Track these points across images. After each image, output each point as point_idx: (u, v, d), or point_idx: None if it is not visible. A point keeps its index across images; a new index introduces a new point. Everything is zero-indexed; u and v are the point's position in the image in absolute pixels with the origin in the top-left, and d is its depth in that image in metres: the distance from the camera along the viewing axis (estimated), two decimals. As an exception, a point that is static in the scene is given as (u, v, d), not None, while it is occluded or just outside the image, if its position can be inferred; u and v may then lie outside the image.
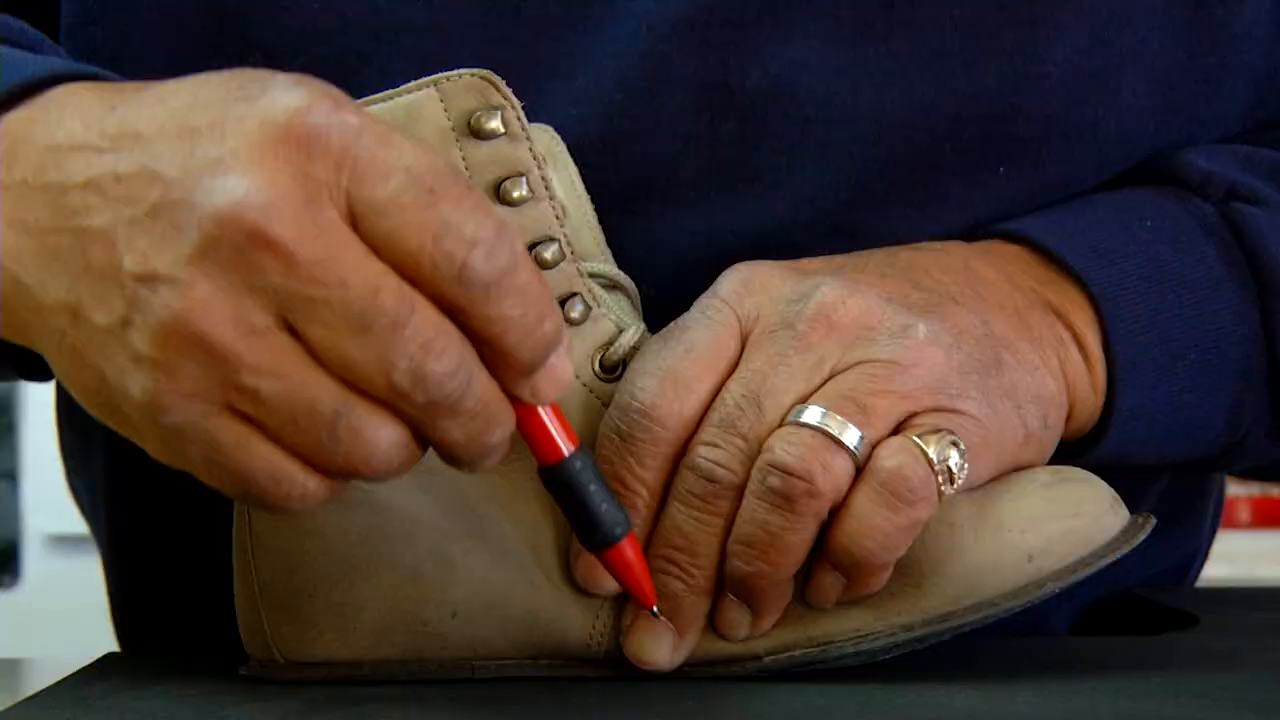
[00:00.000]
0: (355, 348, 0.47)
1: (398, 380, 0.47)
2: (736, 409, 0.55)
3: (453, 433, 0.48)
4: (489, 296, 0.47)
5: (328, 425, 0.47)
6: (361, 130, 0.47)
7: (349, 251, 0.46)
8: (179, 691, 0.56)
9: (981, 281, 0.60)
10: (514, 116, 0.55)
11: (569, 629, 0.56)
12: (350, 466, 0.48)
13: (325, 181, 0.46)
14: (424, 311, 0.47)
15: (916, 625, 0.55)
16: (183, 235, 0.46)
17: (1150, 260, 0.62)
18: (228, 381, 0.47)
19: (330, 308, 0.46)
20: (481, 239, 0.47)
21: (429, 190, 0.47)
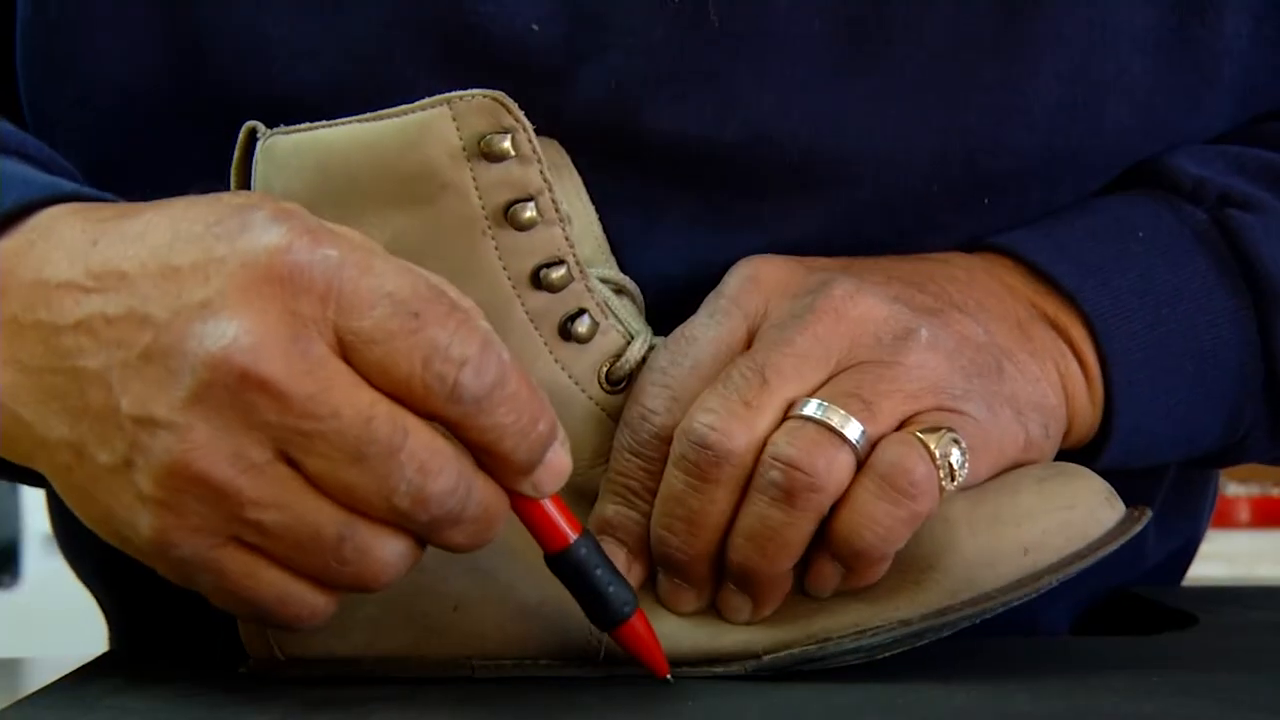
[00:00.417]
0: (354, 475, 0.48)
1: (398, 503, 0.49)
2: (742, 378, 0.55)
3: (456, 538, 0.50)
4: (482, 410, 0.49)
5: (333, 549, 0.49)
6: (343, 262, 0.48)
7: (339, 383, 0.48)
8: (179, 691, 0.56)
9: (984, 292, 0.61)
10: (525, 139, 0.55)
11: (569, 626, 0.57)
12: (360, 582, 0.50)
13: (311, 316, 0.48)
14: (418, 434, 0.48)
15: (914, 620, 0.56)
16: (177, 380, 0.48)
17: (1144, 275, 0.63)
18: (232, 516, 0.49)
19: (326, 439, 0.48)
20: (469, 357, 0.48)
21: (414, 315, 0.48)
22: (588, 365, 0.57)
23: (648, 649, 0.55)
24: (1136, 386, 0.62)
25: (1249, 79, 0.66)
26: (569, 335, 0.57)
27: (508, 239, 0.55)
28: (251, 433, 0.48)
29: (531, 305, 0.56)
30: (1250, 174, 0.65)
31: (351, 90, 0.57)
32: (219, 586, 0.50)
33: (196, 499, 0.48)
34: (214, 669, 0.59)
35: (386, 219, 0.55)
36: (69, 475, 0.50)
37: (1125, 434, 0.62)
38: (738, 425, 0.54)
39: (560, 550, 0.53)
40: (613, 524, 0.57)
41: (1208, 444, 0.65)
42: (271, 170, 0.56)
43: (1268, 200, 0.65)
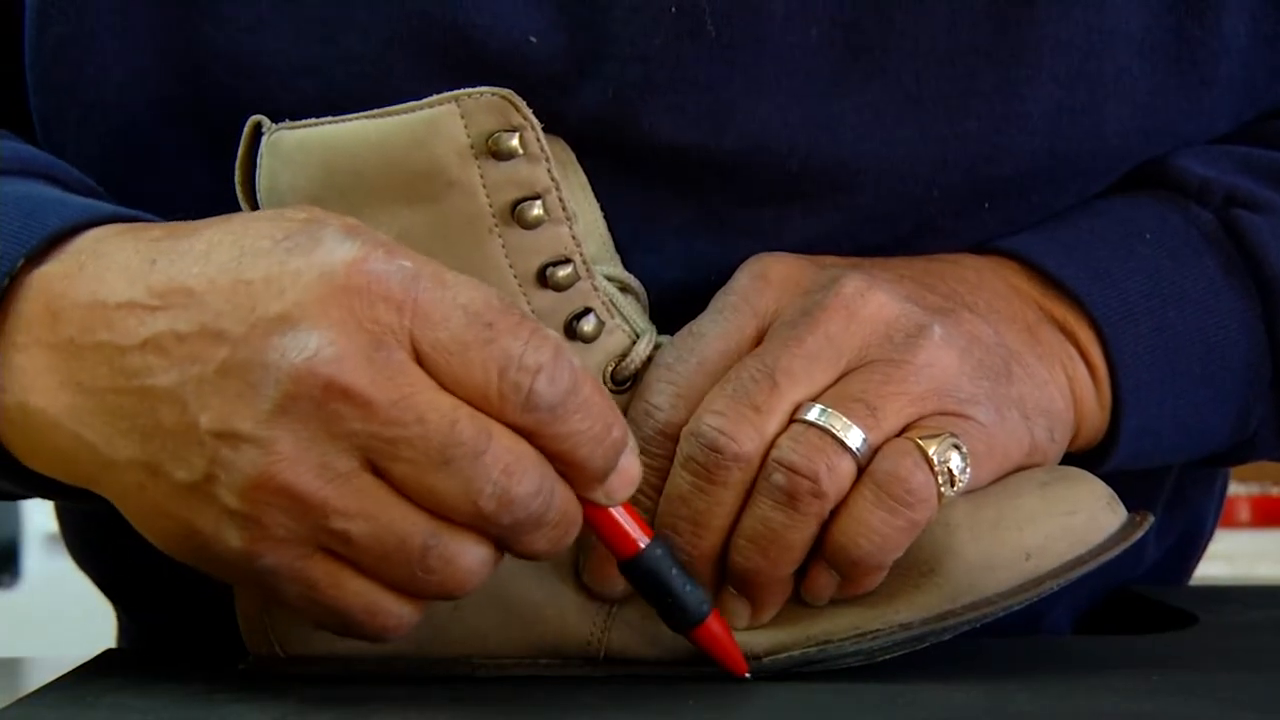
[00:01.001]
0: (440, 480, 0.49)
1: (484, 505, 0.49)
2: (751, 380, 0.55)
3: (538, 544, 0.51)
4: (557, 417, 0.50)
5: (419, 558, 0.50)
6: (419, 274, 0.49)
7: (421, 390, 0.49)
8: (179, 689, 0.56)
9: (994, 293, 0.61)
10: (533, 137, 0.55)
11: (570, 627, 0.57)
12: (444, 590, 0.51)
13: (390, 326, 0.49)
14: (501, 437, 0.49)
15: (915, 624, 0.56)
16: (259, 393, 0.48)
17: (1151, 277, 0.62)
18: (319, 526, 0.49)
19: (411, 445, 0.48)
20: (544, 365, 0.49)
21: (488, 325, 0.49)
22: (594, 364, 0.57)
23: (725, 649, 0.55)
24: (1144, 389, 0.62)
25: (1249, 79, 0.66)
26: (575, 334, 0.57)
27: (514, 237, 0.55)
28: (336, 442, 0.48)
29: (538, 304, 0.56)
30: (1256, 173, 0.65)
31: (353, 106, 0.57)
32: (307, 597, 0.50)
33: (283, 511, 0.49)
34: (214, 668, 0.59)
35: (393, 216, 0.55)
36: (141, 495, 0.50)
37: (1133, 436, 0.62)
38: (746, 428, 0.54)
39: (633, 556, 0.54)
40: None
41: (1216, 444, 0.65)
42: (277, 165, 0.56)
43: (1274, 200, 0.64)
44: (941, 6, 0.60)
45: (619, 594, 0.56)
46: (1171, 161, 0.65)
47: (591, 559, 0.56)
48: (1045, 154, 0.62)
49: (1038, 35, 0.61)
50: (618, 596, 0.56)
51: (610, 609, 0.57)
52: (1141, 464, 0.64)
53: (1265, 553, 1.88)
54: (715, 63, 0.59)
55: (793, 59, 0.60)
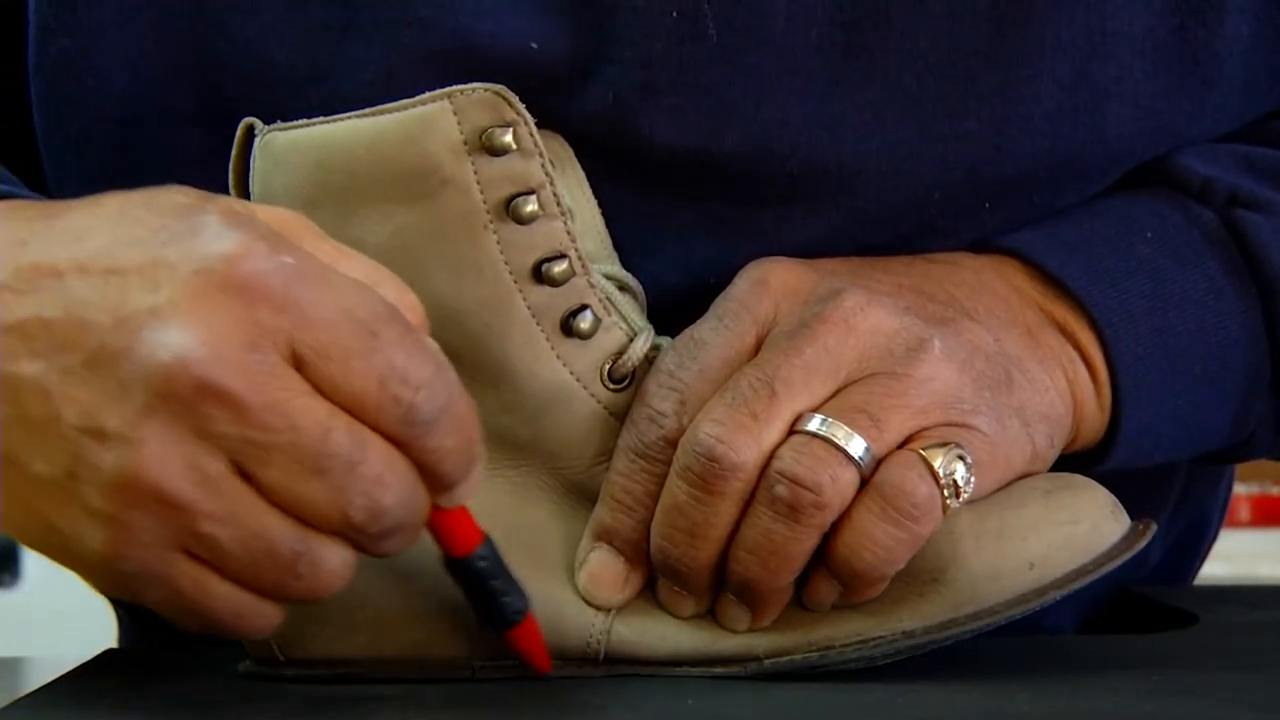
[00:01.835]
0: (310, 489, 0.48)
1: (355, 516, 0.48)
2: (749, 389, 0.55)
3: (390, 545, 0.50)
4: (429, 433, 0.49)
5: (287, 565, 0.48)
6: (301, 272, 0.48)
7: (297, 395, 0.47)
8: (179, 690, 0.56)
9: (994, 297, 0.60)
10: (527, 132, 0.55)
11: (569, 630, 0.57)
12: (309, 595, 0.50)
13: (268, 327, 0.47)
14: (375, 448, 0.48)
15: (918, 632, 0.55)
16: (129, 390, 0.46)
17: (1152, 277, 0.62)
18: (185, 529, 0.48)
19: (283, 451, 0.47)
20: (425, 381, 0.48)
21: (371, 333, 0.48)
22: (590, 362, 0.57)
23: (532, 651, 0.55)
24: (1144, 389, 0.62)
25: (1251, 80, 0.66)
26: (571, 331, 0.56)
27: (509, 233, 0.55)
28: (206, 444, 0.47)
29: (533, 300, 0.56)
30: (1259, 173, 0.65)
31: None
32: (170, 601, 0.49)
33: (148, 513, 0.47)
34: (214, 668, 0.59)
35: (387, 214, 0.55)
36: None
37: (1132, 436, 0.62)
38: (744, 438, 0.54)
39: (464, 556, 0.53)
40: (610, 531, 0.56)
41: (1214, 442, 0.65)
42: (270, 167, 0.56)
43: (1276, 200, 0.64)
44: (941, 8, 0.60)
45: (610, 603, 0.56)
46: (1173, 160, 0.65)
47: (586, 566, 0.56)
48: (1046, 155, 0.62)
49: (1038, 36, 0.61)
50: (608, 605, 0.56)
51: (610, 612, 0.57)
52: (1140, 463, 0.64)
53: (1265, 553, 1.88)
54: (716, 65, 0.59)
55: (793, 60, 0.60)
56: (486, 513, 0.57)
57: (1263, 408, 0.65)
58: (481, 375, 0.56)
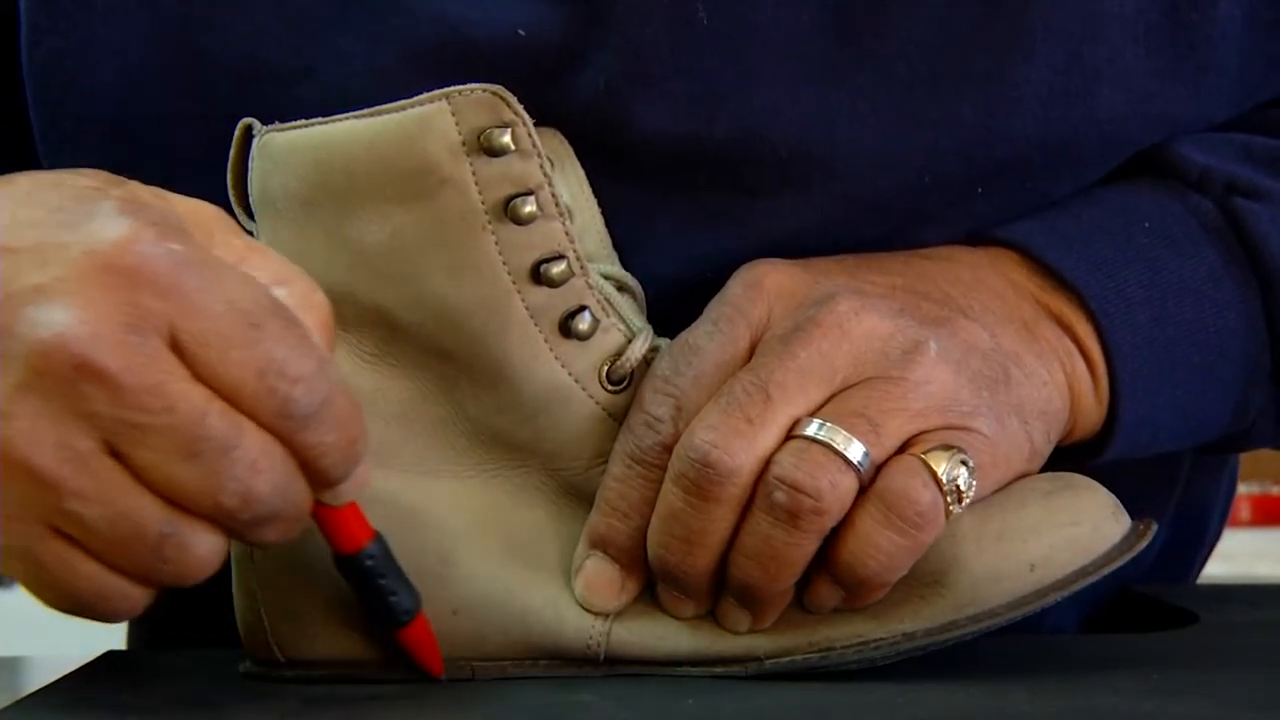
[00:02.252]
0: (183, 471, 0.48)
1: (226, 501, 0.48)
2: (744, 393, 0.54)
3: (266, 535, 0.50)
4: (307, 427, 0.49)
5: (154, 547, 0.48)
6: (189, 260, 0.48)
7: (175, 379, 0.47)
8: (179, 691, 0.56)
9: (990, 292, 0.60)
10: (525, 133, 0.55)
11: (569, 632, 0.56)
12: (177, 579, 0.50)
13: (150, 311, 0.47)
14: (251, 435, 0.48)
15: (919, 634, 0.55)
16: (7, 365, 0.47)
17: (1150, 266, 0.62)
18: (52, 506, 0.47)
19: (158, 433, 0.47)
20: (304, 375, 0.48)
21: (253, 325, 0.48)
22: (588, 363, 0.57)
23: (424, 654, 0.55)
24: (1141, 380, 0.62)
25: (1246, 65, 0.66)
26: (569, 332, 0.56)
27: (508, 234, 0.55)
28: (80, 423, 0.47)
29: (532, 301, 0.56)
30: (1258, 161, 0.65)
31: (349, 107, 0.57)
32: (35, 577, 0.49)
33: (16, 486, 0.47)
34: (214, 668, 0.59)
35: (385, 215, 0.55)
36: None
37: (1130, 427, 0.62)
38: (740, 443, 0.54)
39: (352, 554, 0.54)
40: (605, 539, 0.56)
41: (1214, 433, 0.65)
42: (268, 167, 0.56)
43: (1275, 188, 0.64)
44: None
45: (607, 609, 0.56)
46: (1172, 149, 0.65)
47: (583, 572, 0.56)
48: (1039, 138, 0.62)
49: (1029, 19, 0.61)
50: (605, 611, 0.56)
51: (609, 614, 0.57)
52: (1139, 454, 0.64)
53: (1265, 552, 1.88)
54: (708, 51, 0.59)
55: (784, 46, 0.60)
56: (486, 513, 0.57)
57: (1263, 398, 0.64)
58: (479, 376, 0.56)
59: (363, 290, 0.56)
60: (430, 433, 0.57)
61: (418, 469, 0.57)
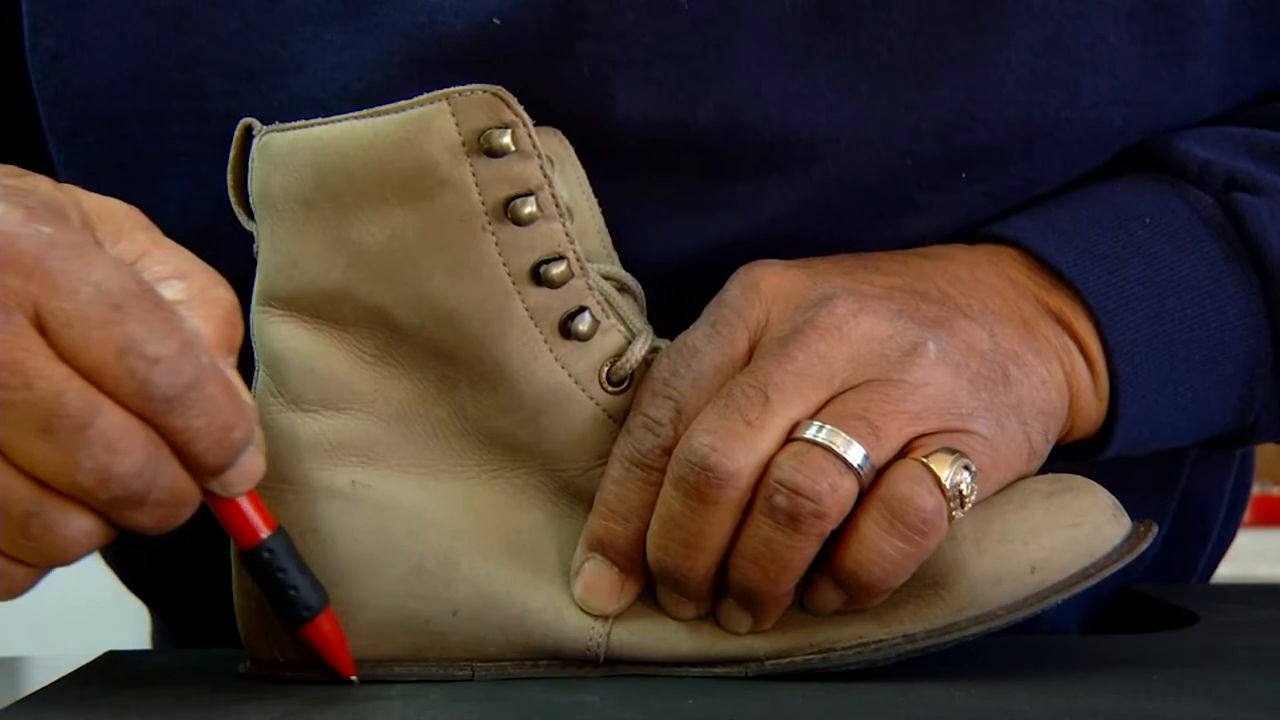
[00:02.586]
0: (40, 448, 0.48)
1: (82, 479, 0.48)
2: (743, 396, 0.54)
3: (140, 519, 0.50)
4: (172, 410, 0.49)
5: (20, 524, 0.49)
6: (55, 242, 0.49)
7: (35, 356, 0.48)
8: (179, 690, 0.56)
9: (989, 290, 0.60)
10: (525, 134, 0.55)
11: (569, 633, 0.56)
12: (48, 558, 0.50)
13: (14, 289, 0.48)
14: (109, 414, 0.48)
15: (920, 636, 0.55)
16: None
17: (1150, 262, 0.62)
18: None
19: (16, 409, 0.48)
20: (164, 356, 0.49)
21: (115, 306, 0.49)
22: (589, 364, 0.57)
23: (332, 651, 0.56)
24: (1142, 377, 0.62)
25: (1233, 51, 0.66)
26: (569, 333, 0.56)
27: (508, 234, 0.55)
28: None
29: (531, 302, 0.56)
30: (1258, 156, 0.65)
31: (335, 101, 0.58)
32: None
33: None
34: (214, 668, 0.59)
35: (385, 215, 0.55)
36: None
37: (1130, 423, 0.62)
38: (739, 446, 0.54)
39: (250, 548, 0.54)
40: (604, 543, 0.56)
41: (1216, 429, 0.65)
42: (268, 168, 0.56)
43: (1276, 182, 0.64)
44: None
45: (613, 613, 0.56)
46: (1172, 145, 0.65)
47: (581, 575, 0.56)
48: (1021, 122, 0.62)
49: (1010, 2, 0.61)
50: (604, 614, 0.56)
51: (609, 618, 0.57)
52: (1140, 450, 0.64)
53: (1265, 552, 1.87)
54: (689, 36, 0.59)
55: (765, 30, 0.60)
56: (486, 513, 0.57)
57: (1266, 393, 0.64)
58: (479, 377, 0.56)
59: (362, 291, 0.56)
60: (430, 433, 0.57)
61: (418, 469, 0.57)
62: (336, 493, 0.57)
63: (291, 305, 0.57)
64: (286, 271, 0.56)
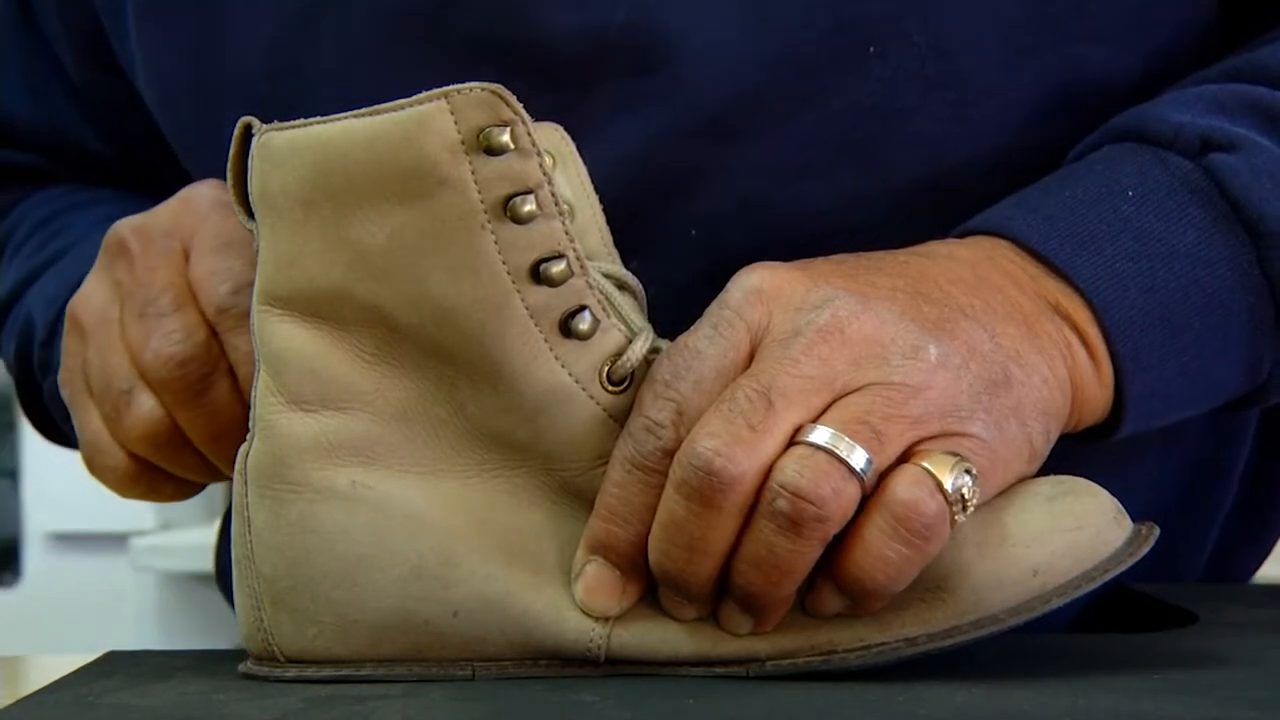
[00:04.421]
0: (134, 326, 0.63)
1: (147, 357, 0.61)
2: (746, 401, 0.54)
3: (195, 423, 0.62)
4: (225, 325, 0.62)
5: (116, 400, 0.62)
6: (217, 199, 0.65)
7: (168, 269, 0.63)
8: (179, 690, 0.56)
9: (989, 289, 0.60)
10: (524, 131, 0.55)
11: (569, 634, 0.56)
12: (125, 434, 0.63)
13: (186, 226, 0.64)
14: (187, 313, 0.62)
15: (921, 639, 0.55)
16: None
17: (1138, 236, 0.62)
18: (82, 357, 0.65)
19: (134, 297, 0.63)
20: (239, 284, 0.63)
21: (226, 244, 0.63)
22: (589, 364, 0.57)
23: None
24: (1143, 353, 0.61)
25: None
26: (569, 332, 0.56)
27: (507, 233, 0.55)
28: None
29: (531, 301, 0.56)
30: (1230, 112, 0.65)
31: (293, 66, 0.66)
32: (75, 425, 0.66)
33: (68, 338, 0.66)
34: (214, 668, 0.59)
35: (384, 214, 0.55)
36: None
37: (1139, 401, 0.62)
38: (742, 450, 0.53)
39: None
40: (606, 545, 0.56)
41: (1229, 392, 0.65)
42: (268, 167, 0.56)
43: (1250, 137, 0.64)
44: None
45: (614, 614, 0.56)
46: (1146, 113, 0.65)
47: (583, 577, 0.56)
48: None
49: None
50: (605, 614, 0.56)
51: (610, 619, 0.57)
52: (1154, 425, 0.64)
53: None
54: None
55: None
56: (486, 513, 0.57)
57: (1273, 349, 0.64)
58: (479, 376, 0.56)
59: (362, 290, 0.56)
60: (430, 433, 0.57)
61: (418, 469, 0.57)
62: (336, 493, 0.57)
63: (291, 304, 0.57)
64: (286, 271, 0.56)
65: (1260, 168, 0.63)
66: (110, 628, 1.69)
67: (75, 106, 0.85)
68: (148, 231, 0.63)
